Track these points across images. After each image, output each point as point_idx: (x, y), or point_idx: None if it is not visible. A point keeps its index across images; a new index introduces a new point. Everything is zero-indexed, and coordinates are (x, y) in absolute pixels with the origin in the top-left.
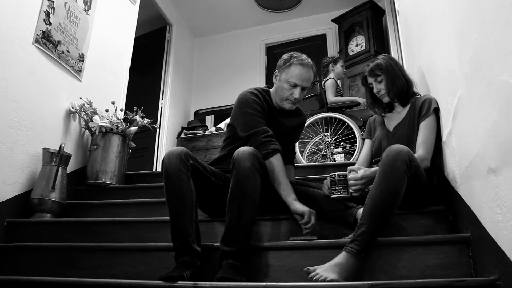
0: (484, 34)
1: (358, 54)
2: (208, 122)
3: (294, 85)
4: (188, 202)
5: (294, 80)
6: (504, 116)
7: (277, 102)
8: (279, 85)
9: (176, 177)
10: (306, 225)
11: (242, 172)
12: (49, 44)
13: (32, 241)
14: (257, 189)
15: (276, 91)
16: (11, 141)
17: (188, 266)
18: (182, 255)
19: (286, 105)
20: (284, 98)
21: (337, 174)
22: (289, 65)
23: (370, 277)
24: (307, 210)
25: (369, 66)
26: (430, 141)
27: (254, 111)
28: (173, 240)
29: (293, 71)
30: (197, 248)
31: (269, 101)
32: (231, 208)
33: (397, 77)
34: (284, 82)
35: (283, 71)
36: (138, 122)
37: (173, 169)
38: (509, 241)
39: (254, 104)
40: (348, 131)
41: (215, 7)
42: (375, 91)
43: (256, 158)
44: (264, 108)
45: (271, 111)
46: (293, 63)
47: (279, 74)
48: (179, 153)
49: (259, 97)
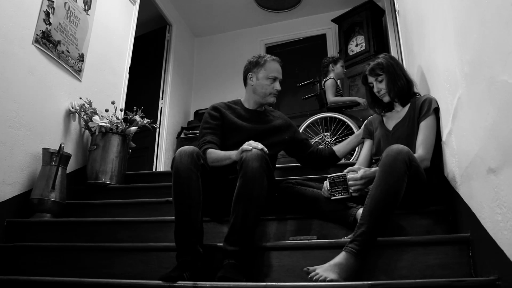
0: (484, 34)
1: (358, 54)
2: None
3: (274, 78)
4: (195, 202)
5: (273, 74)
6: (504, 116)
7: (259, 100)
8: (258, 84)
9: (186, 176)
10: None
11: (250, 172)
12: (49, 44)
13: (32, 241)
14: (263, 190)
15: (255, 91)
16: (11, 141)
17: (189, 267)
18: (184, 255)
19: (270, 99)
20: (267, 93)
21: (336, 176)
22: (263, 63)
23: (370, 277)
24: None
25: (370, 65)
26: (430, 141)
27: (205, 124)
28: (176, 239)
29: (269, 67)
30: (199, 249)
31: (236, 109)
32: (237, 209)
33: (398, 77)
34: (264, 79)
35: (259, 70)
36: (138, 122)
37: (184, 167)
38: (509, 241)
39: (207, 119)
40: (348, 131)
41: (215, 7)
42: (376, 91)
43: (264, 159)
44: (219, 118)
45: (241, 117)
46: (266, 60)
47: (255, 75)
48: (191, 152)
49: (217, 110)
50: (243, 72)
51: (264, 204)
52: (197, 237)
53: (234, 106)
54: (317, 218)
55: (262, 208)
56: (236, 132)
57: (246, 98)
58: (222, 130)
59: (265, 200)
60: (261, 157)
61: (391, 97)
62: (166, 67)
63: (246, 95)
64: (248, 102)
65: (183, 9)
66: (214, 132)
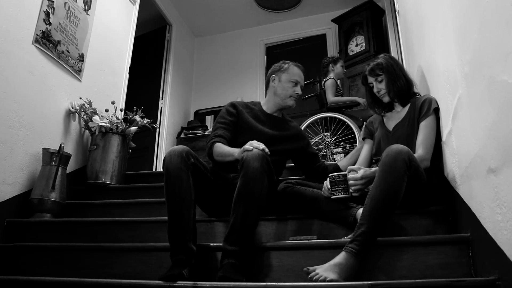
0: (484, 34)
1: (358, 54)
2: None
3: (296, 82)
4: (186, 201)
5: (296, 77)
6: (504, 116)
7: (278, 102)
8: (281, 86)
9: (176, 175)
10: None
11: (250, 172)
12: (49, 44)
13: (32, 241)
14: (264, 190)
15: (276, 93)
16: (11, 141)
17: (184, 264)
18: (177, 253)
19: (289, 102)
20: (288, 95)
21: (336, 175)
22: (287, 67)
23: (370, 277)
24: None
25: (370, 65)
26: (430, 141)
27: (220, 119)
28: (169, 238)
29: (292, 71)
30: (192, 247)
31: (254, 109)
32: (237, 208)
33: (398, 77)
34: (287, 81)
35: (283, 73)
36: (138, 122)
37: (173, 167)
38: (508, 241)
39: (223, 114)
40: (348, 131)
41: (215, 7)
42: (375, 91)
43: (265, 159)
44: (235, 115)
45: (257, 118)
46: (290, 65)
47: (278, 77)
48: (180, 152)
49: (235, 107)
50: (266, 77)
51: (265, 204)
52: (190, 235)
53: (252, 106)
54: (317, 218)
55: (263, 208)
56: (248, 132)
57: (265, 101)
58: (236, 128)
59: (266, 200)
60: (262, 157)
61: (391, 97)
62: (166, 67)
63: (266, 98)
64: (267, 105)
65: (183, 9)
66: (226, 127)
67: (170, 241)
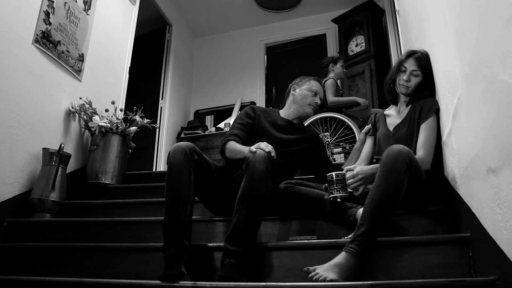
0: (484, 34)
1: (358, 54)
2: (208, 122)
3: (316, 92)
4: (184, 197)
5: (316, 88)
6: (504, 116)
7: (296, 109)
8: (301, 94)
9: (178, 171)
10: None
11: (256, 174)
12: (49, 44)
13: (32, 241)
14: (268, 192)
15: (295, 100)
16: (11, 141)
17: (177, 260)
18: (169, 247)
19: (307, 109)
20: (307, 103)
21: (334, 174)
22: (308, 80)
23: (370, 277)
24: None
25: (417, 53)
26: (430, 143)
27: (238, 119)
28: (163, 232)
29: (312, 84)
30: (185, 242)
31: (272, 115)
32: (240, 209)
33: (429, 86)
34: (307, 90)
35: (303, 84)
36: (138, 122)
37: (176, 162)
38: (508, 241)
39: (242, 115)
40: (348, 131)
41: (215, 7)
42: (405, 78)
43: (271, 161)
44: (253, 118)
45: (274, 123)
46: (311, 78)
47: (299, 87)
48: (184, 148)
49: (254, 111)
50: (287, 90)
51: (268, 206)
52: (183, 230)
53: (270, 112)
54: (317, 218)
55: (266, 209)
56: (262, 136)
57: (284, 109)
58: (252, 130)
59: (269, 202)
60: (267, 159)
61: (409, 94)
62: (166, 67)
63: (285, 106)
64: (285, 112)
65: (183, 9)
66: (243, 128)
67: (163, 235)
